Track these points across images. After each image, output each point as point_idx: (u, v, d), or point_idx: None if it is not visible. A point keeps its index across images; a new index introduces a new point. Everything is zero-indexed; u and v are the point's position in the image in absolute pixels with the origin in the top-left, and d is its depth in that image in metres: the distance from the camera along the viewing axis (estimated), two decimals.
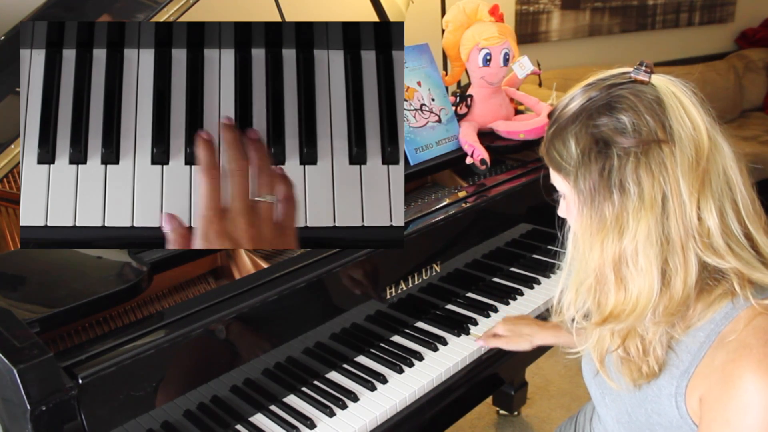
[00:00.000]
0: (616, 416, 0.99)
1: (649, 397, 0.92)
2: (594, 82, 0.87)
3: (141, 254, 1.21)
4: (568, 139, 0.84)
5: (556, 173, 0.89)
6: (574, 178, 0.84)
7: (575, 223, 0.89)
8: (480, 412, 2.36)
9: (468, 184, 1.73)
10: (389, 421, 1.24)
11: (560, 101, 0.90)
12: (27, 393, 0.90)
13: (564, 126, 0.85)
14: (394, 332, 1.44)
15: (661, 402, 0.90)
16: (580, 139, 0.83)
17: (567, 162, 0.85)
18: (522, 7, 3.62)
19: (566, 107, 0.87)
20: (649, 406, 0.92)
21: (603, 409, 1.04)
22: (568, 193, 0.89)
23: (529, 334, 1.35)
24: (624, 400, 0.97)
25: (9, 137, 1.25)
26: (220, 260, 1.40)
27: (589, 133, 0.82)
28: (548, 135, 0.89)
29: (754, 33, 4.81)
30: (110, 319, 1.20)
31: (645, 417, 0.93)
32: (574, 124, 0.84)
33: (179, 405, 1.10)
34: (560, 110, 0.88)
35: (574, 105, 0.86)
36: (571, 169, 0.84)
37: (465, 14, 1.82)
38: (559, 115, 0.88)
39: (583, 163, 0.83)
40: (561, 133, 0.86)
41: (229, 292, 1.18)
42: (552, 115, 0.90)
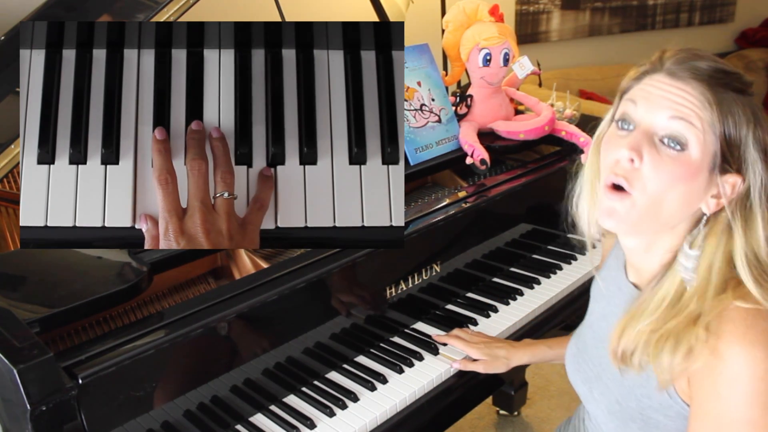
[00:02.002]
0: (607, 407, 0.99)
1: (638, 384, 0.93)
2: (737, 73, 0.86)
3: (141, 254, 1.21)
4: (746, 123, 0.83)
5: (709, 130, 0.82)
6: (741, 170, 0.83)
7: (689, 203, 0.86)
8: (480, 412, 2.36)
9: (468, 184, 1.73)
10: (389, 421, 1.24)
11: (691, 49, 0.87)
12: (27, 393, 0.90)
13: (737, 101, 0.83)
14: (394, 332, 1.44)
15: (650, 387, 0.91)
16: (756, 137, 0.83)
17: (737, 143, 0.83)
18: (522, 7, 3.62)
19: (740, 81, 0.85)
20: (638, 392, 0.93)
21: (592, 404, 1.04)
22: (701, 163, 0.83)
23: (505, 357, 1.33)
24: (612, 391, 0.98)
25: (9, 137, 1.25)
26: (220, 260, 1.40)
27: (762, 138, 0.84)
28: (715, 84, 0.83)
29: (754, 33, 4.82)
30: (110, 319, 1.20)
31: (636, 403, 0.93)
32: (747, 111, 0.83)
33: (179, 405, 1.10)
34: (722, 70, 0.84)
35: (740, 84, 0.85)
36: (738, 156, 0.83)
37: (465, 14, 1.82)
38: (723, 78, 0.84)
39: (756, 162, 0.83)
40: (736, 107, 0.83)
41: (229, 292, 1.18)
42: (696, 58, 0.85)
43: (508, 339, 1.48)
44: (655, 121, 0.84)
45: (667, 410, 0.90)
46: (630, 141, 0.84)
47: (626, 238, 0.94)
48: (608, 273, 1.06)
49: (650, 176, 0.83)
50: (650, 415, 0.92)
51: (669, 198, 0.84)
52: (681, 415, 0.90)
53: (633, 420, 0.95)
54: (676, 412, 0.90)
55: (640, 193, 0.84)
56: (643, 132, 0.84)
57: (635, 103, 0.87)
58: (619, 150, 0.85)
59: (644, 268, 0.95)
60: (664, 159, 0.83)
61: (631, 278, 0.99)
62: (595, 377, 1.02)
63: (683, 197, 0.84)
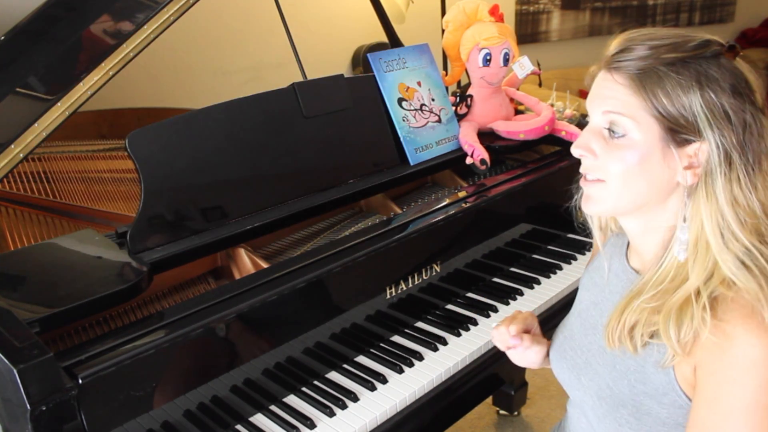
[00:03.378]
0: (597, 392, 0.99)
1: (632, 368, 0.93)
2: (690, 39, 0.86)
3: (141, 254, 1.21)
4: (688, 90, 0.84)
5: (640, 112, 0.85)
6: (698, 134, 0.84)
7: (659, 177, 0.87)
8: (480, 412, 2.36)
9: (468, 184, 1.73)
10: (389, 421, 1.23)
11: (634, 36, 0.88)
12: (27, 393, 0.90)
13: (675, 71, 0.84)
14: (394, 332, 1.44)
15: (646, 371, 0.91)
16: (705, 95, 0.84)
17: (680, 113, 0.84)
18: (522, 7, 3.62)
19: (667, 51, 0.85)
20: (632, 377, 0.93)
21: (579, 391, 1.04)
22: (648, 142, 0.86)
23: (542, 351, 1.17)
24: (603, 377, 0.98)
25: (9, 137, 1.25)
26: (220, 260, 1.40)
27: (714, 92, 0.84)
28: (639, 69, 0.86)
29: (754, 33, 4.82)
30: (110, 319, 1.20)
31: (628, 389, 0.94)
32: (690, 77, 0.84)
33: (179, 405, 1.10)
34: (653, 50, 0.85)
35: (679, 54, 0.85)
36: (690, 124, 0.84)
37: (465, 14, 1.82)
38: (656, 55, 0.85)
39: (715, 123, 0.84)
40: (671, 78, 0.84)
41: (229, 292, 1.18)
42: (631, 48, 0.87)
43: None
44: (596, 116, 0.91)
45: (662, 397, 0.91)
46: (580, 139, 0.93)
47: (623, 220, 0.97)
48: (602, 262, 1.07)
49: (607, 163, 0.89)
50: (642, 401, 0.92)
51: (633, 178, 0.88)
52: (675, 403, 0.90)
53: (623, 406, 0.95)
54: (670, 400, 0.90)
55: (608, 177, 0.90)
56: (592, 128, 0.92)
57: (587, 103, 0.94)
58: (574, 148, 0.94)
59: (645, 250, 0.96)
60: (612, 147, 0.89)
61: (633, 264, 1.01)
62: (583, 363, 1.03)
63: (645, 175, 0.88)
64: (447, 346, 1.40)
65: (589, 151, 0.90)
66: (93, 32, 1.46)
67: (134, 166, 1.24)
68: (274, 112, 1.44)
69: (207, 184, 1.33)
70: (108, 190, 1.62)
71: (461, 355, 1.37)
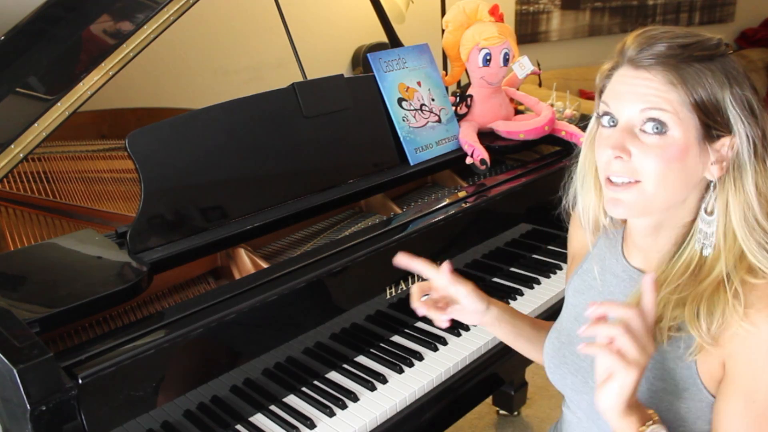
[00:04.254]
0: None
1: (648, 366, 0.90)
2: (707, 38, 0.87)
3: (141, 254, 1.21)
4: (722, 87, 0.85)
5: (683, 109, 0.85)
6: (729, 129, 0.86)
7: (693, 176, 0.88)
8: (480, 412, 2.36)
9: (468, 184, 1.73)
10: (389, 421, 1.23)
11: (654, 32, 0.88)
12: (27, 393, 0.90)
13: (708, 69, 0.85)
14: (394, 332, 1.44)
15: (665, 367, 0.91)
16: (734, 91, 0.85)
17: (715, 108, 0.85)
18: (522, 7, 3.62)
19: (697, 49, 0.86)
20: (649, 374, 0.92)
21: (588, 395, 1.02)
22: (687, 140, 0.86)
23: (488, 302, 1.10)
24: None
25: (9, 137, 1.25)
26: (220, 260, 1.40)
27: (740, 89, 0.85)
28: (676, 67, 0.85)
29: (754, 33, 4.82)
30: (110, 319, 1.20)
31: (646, 386, 0.92)
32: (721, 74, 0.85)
33: (179, 405, 1.10)
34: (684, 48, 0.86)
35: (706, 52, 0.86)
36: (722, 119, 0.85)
37: (465, 14, 1.82)
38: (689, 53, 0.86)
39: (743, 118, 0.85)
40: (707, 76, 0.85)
41: (229, 292, 1.18)
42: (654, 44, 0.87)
43: None
44: (631, 115, 0.88)
45: (683, 392, 0.90)
46: (613, 140, 0.88)
47: (640, 220, 0.96)
48: (594, 265, 1.07)
49: (643, 164, 0.87)
50: (661, 397, 0.92)
51: (669, 177, 0.87)
52: (695, 397, 0.89)
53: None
54: (691, 395, 0.90)
55: (644, 177, 0.87)
56: (623, 128, 0.88)
57: (609, 102, 0.91)
58: (606, 150, 0.89)
59: (653, 249, 0.96)
60: (650, 146, 0.86)
61: (633, 263, 1.00)
62: (590, 366, 0.99)
63: (681, 173, 0.87)
64: (447, 346, 1.40)
65: (625, 151, 0.87)
66: (93, 32, 1.46)
67: (134, 166, 1.24)
68: (274, 112, 1.44)
69: (207, 184, 1.33)
70: (108, 190, 1.62)
71: (461, 355, 1.37)
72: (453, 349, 1.39)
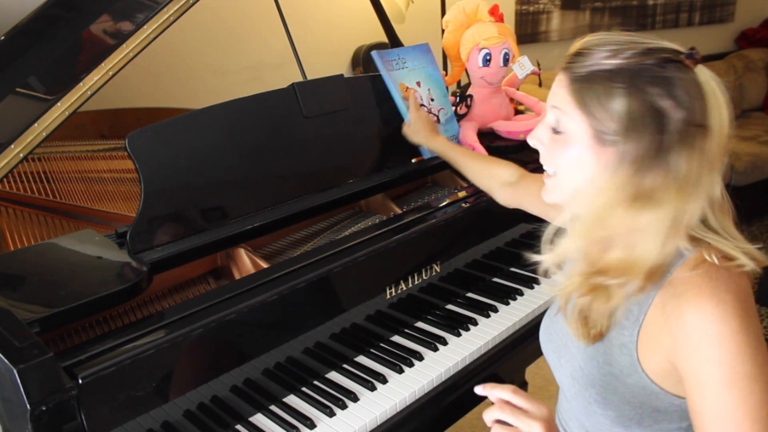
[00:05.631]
0: (571, 373, 1.02)
1: (600, 350, 0.97)
2: (641, 46, 0.87)
3: (141, 254, 1.21)
4: (615, 94, 0.85)
5: (574, 111, 0.89)
6: (621, 136, 0.85)
7: (591, 175, 0.90)
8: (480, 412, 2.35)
9: (468, 184, 1.73)
10: (389, 421, 1.24)
11: (591, 41, 0.91)
12: (27, 393, 0.90)
13: (608, 77, 0.86)
14: (394, 332, 1.44)
15: (612, 353, 0.95)
16: (632, 100, 0.84)
17: (606, 115, 0.86)
18: (522, 7, 3.62)
19: (608, 58, 0.87)
20: (600, 359, 0.97)
21: (559, 371, 1.07)
22: (581, 141, 0.89)
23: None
24: (576, 357, 1.01)
25: (9, 137, 1.25)
26: (220, 260, 1.40)
27: (643, 98, 0.84)
28: (580, 72, 0.88)
29: (754, 33, 4.81)
30: (110, 319, 1.20)
31: (597, 369, 0.97)
32: (623, 82, 0.85)
33: (179, 405, 1.10)
34: (600, 55, 0.87)
35: (619, 61, 0.86)
36: (614, 126, 0.85)
37: (465, 14, 1.82)
38: (598, 61, 0.87)
39: (634, 126, 0.84)
40: (603, 82, 0.86)
41: (229, 292, 1.18)
42: (583, 53, 0.90)
43: (508, 339, 1.48)
44: (548, 111, 0.96)
45: (627, 378, 0.93)
46: (534, 131, 0.98)
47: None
48: None
49: (553, 155, 0.95)
50: (609, 381, 0.95)
51: (572, 172, 0.93)
52: (638, 383, 0.92)
53: (592, 385, 0.98)
54: (634, 380, 0.93)
55: (556, 170, 0.96)
56: (545, 122, 0.97)
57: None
58: (528, 137, 0.99)
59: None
60: (555, 141, 0.94)
61: None
62: (563, 345, 1.06)
63: (582, 169, 0.91)
64: (447, 346, 1.40)
65: (539, 141, 0.97)
66: (93, 32, 1.46)
67: (134, 166, 1.24)
68: (274, 112, 1.44)
69: (207, 184, 1.33)
70: (108, 190, 1.62)
71: (461, 355, 1.37)
72: (453, 349, 1.39)
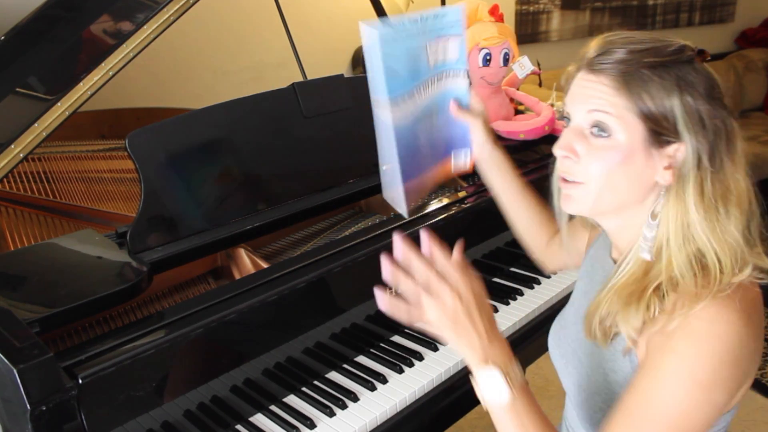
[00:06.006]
0: (578, 381, 1.02)
1: (606, 358, 0.96)
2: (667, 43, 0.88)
3: (141, 254, 1.21)
4: (668, 93, 0.85)
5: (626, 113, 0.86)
6: (675, 134, 0.86)
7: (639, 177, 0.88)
8: (480, 412, 2.34)
9: (468, 184, 1.72)
10: (389, 421, 1.23)
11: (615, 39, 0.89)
12: (27, 393, 0.90)
13: (656, 75, 0.86)
14: (394, 332, 1.44)
15: (616, 360, 0.94)
16: (684, 97, 0.85)
17: (661, 114, 0.86)
18: (522, 7, 3.62)
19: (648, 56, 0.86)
20: (606, 366, 0.96)
21: (566, 378, 1.07)
22: (632, 143, 0.86)
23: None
24: (584, 365, 1.01)
25: (9, 137, 1.25)
26: (220, 260, 1.40)
27: (691, 95, 0.85)
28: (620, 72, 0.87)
29: (754, 33, 4.81)
30: (110, 319, 1.20)
31: (603, 377, 0.96)
32: (670, 79, 0.85)
33: (179, 405, 1.10)
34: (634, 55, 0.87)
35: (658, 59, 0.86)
36: (670, 125, 0.86)
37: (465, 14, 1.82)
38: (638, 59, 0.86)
39: (690, 124, 0.85)
40: (654, 81, 0.86)
41: (229, 292, 1.18)
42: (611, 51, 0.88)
43: (508, 339, 1.48)
44: (579, 116, 0.91)
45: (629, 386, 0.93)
46: (562, 140, 0.92)
47: (602, 219, 0.98)
48: (596, 252, 1.10)
49: (589, 164, 0.90)
50: (614, 389, 0.95)
51: (614, 179, 0.89)
52: None
53: (598, 393, 0.97)
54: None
55: (588, 179, 0.90)
56: (573, 129, 0.91)
57: (567, 103, 0.94)
58: (556, 149, 0.93)
59: (623, 246, 0.98)
60: (595, 147, 0.89)
61: (613, 255, 1.03)
62: (571, 352, 1.06)
63: (628, 175, 0.89)
64: (447, 346, 1.40)
65: (572, 151, 0.90)
66: (93, 32, 1.46)
67: (134, 166, 1.24)
68: (274, 112, 1.44)
69: (207, 184, 1.33)
70: (108, 190, 1.62)
71: None
72: (454, 349, 1.39)
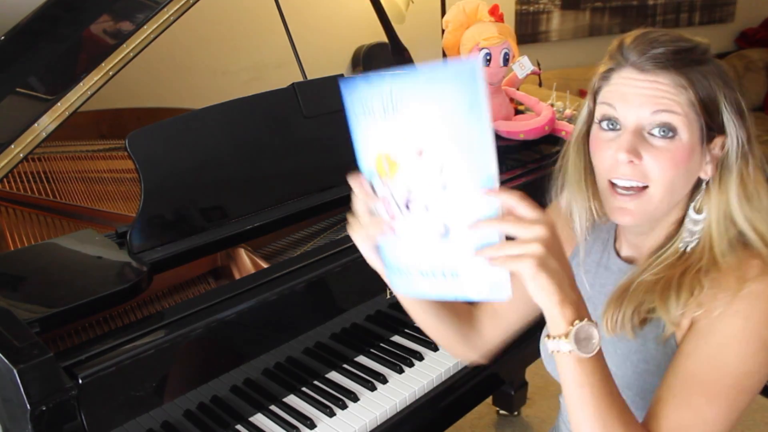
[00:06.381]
0: None
1: (633, 349, 0.93)
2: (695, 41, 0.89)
3: (141, 254, 1.21)
4: (720, 90, 0.86)
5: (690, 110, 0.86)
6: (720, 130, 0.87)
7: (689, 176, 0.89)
8: (480, 412, 2.36)
9: None
10: (389, 421, 1.23)
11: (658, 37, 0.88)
12: (27, 393, 0.90)
13: (710, 72, 0.86)
14: (394, 332, 1.44)
15: (647, 348, 0.92)
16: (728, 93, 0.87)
17: (716, 110, 0.87)
18: (522, 7, 3.62)
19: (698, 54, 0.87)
20: (634, 357, 0.94)
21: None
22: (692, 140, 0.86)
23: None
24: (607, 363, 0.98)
25: (9, 137, 1.25)
26: (220, 260, 1.40)
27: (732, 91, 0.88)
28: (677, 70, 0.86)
29: (754, 33, 4.81)
30: (110, 319, 1.20)
31: (632, 370, 0.94)
32: (717, 77, 0.87)
33: (179, 405, 1.10)
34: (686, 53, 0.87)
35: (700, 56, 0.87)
36: (721, 121, 0.87)
37: (465, 14, 1.82)
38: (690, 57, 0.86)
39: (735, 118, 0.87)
40: (707, 79, 0.86)
41: (229, 292, 1.18)
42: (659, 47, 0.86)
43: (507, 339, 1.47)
44: (641, 118, 0.86)
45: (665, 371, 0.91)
46: (624, 143, 0.86)
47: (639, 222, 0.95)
48: (589, 258, 1.06)
49: (654, 168, 0.86)
50: (646, 379, 0.93)
51: (676, 180, 0.87)
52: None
53: (629, 387, 0.94)
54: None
55: (652, 182, 0.87)
56: (632, 131, 0.87)
57: (614, 104, 0.89)
58: (614, 153, 0.87)
59: (645, 245, 0.96)
60: (659, 149, 0.86)
61: (625, 254, 1.01)
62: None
63: (685, 175, 0.88)
64: None
65: (637, 156, 0.85)
66: (93, 32, 1.46)
67: (134, 166, 1.24)
68: (274, 112, 1.44)
69: (207, 184, 1.33)
70: (108, 190, 1.62)
71: None
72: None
